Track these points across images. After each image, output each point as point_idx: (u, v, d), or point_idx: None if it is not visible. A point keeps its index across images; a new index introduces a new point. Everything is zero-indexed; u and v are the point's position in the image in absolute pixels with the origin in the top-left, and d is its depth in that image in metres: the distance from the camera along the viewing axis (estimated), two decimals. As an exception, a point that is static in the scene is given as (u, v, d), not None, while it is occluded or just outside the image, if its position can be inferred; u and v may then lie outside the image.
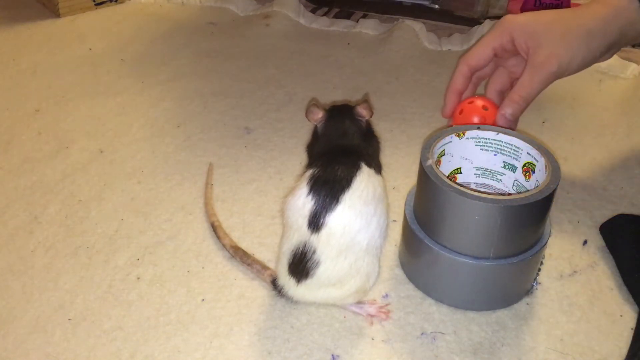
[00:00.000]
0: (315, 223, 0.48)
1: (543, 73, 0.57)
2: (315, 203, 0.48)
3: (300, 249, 0.49)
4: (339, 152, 0.53)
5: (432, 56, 0.95)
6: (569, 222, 0.63)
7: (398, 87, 0.87)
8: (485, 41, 0.62)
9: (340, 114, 0.57)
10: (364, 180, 0.50)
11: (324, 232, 0.48)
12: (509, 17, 0.61)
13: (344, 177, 0.49)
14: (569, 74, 0.59)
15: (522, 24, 0.59)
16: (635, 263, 0.56)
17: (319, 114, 0.57)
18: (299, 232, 0.49)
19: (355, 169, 0.50)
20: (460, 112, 0.61)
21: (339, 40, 1.00)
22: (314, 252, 0.49)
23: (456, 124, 0.61)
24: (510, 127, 0.60)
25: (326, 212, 0.48)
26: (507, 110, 0.59)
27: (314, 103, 0.58)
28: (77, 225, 0.63)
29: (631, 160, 0.72)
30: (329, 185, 0.49)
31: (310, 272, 0.49)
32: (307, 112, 0.57)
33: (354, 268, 0.50)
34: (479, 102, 0.60)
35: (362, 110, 0.57)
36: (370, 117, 0.58)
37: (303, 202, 0.49)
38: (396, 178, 0.69)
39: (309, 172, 0.51)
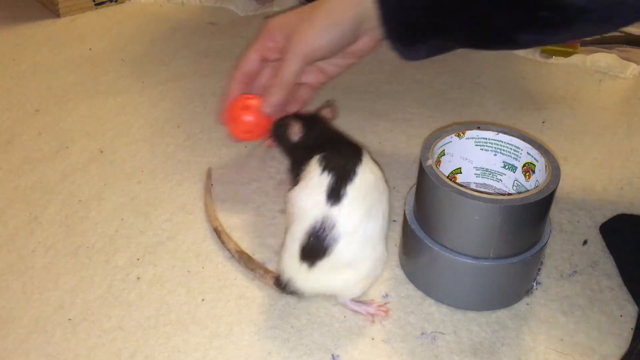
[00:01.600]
0: (335, 194, 0.49)
1: (293, 55, 0.60)
2: (332, 177, 0.50)
3: (317, 226, 0.49)
4: (334, 141, 0.56)
5: (432, 56, 0.95)
6: (569, 222, 0.63)
7: (398, 87, 0.86)
8: (251, 46, 0.65)
9: (313, 122, 0.61)
10: (370, 161, 0.53)
11: (345, 202, 0.49)
12: (271, 19, 0.64)
13: (352, 156, 0.52)
14: (325, 54, 0.61)
15: (278, 21, 0.63)
16: (635, 263, 0.56)
17: (296, 126, 0.59)
18: (315, 210, 0.49)
19: (358, 152, 0.53)
20: (227, 111, 0.65)
21: (339, 40, 0.99)
22: (333, 227, 0.49)
23: (228, 125, 0.65)
24: (277, 114, 0.63)
25: (345, 183, 0.50)
26: (268, 97, 0.62)
27: (287, 121, 0.60)
28: (77, 225, 0.63)
29: (631, 160, 0.72)
30: (341, 161, 0.51)
31: (328, 249, 0.49)
32: (290, 133, 0.59)
33: (369, 243, 0.50)
34: (242, 98, 0.64)
35: (327, 114, 0.63)
36: (334, 119, 0.63)
37: (318, 180, 0.50)
38: (396, 178, 0.69)
39: (315, 158, 0.52)
